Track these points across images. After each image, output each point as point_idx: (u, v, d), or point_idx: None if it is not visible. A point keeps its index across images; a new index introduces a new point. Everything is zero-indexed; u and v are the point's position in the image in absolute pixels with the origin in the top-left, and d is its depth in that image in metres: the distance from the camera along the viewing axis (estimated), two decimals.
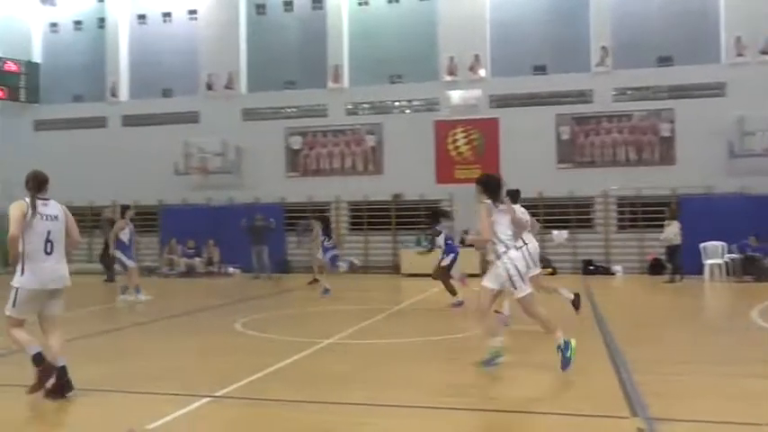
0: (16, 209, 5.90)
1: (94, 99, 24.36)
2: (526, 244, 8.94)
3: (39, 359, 5.82)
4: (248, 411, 5.53)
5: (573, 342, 6.51)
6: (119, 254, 13.75)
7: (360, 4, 22.46)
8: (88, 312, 12.23)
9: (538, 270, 9.71)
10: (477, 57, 21.08)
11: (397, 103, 22.09)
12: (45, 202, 6.08)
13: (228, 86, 23.01)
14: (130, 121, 23.92)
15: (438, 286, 13.08)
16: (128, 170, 23.04)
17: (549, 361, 6.69)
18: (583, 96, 20.60)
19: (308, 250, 19.16)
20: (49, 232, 5.92)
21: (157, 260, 21.98)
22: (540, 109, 20.62)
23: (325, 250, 15.18)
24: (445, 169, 21.04)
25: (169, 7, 24.09)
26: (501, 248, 6.59)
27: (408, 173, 21.06)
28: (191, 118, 23.30)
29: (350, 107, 22.20)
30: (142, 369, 7.25)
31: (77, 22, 25.05)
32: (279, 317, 11.55)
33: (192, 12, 23.77)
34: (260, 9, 23.33)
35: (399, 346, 8.61)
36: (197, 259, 21.12)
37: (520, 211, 9.13)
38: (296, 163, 22.45)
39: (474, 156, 20.90)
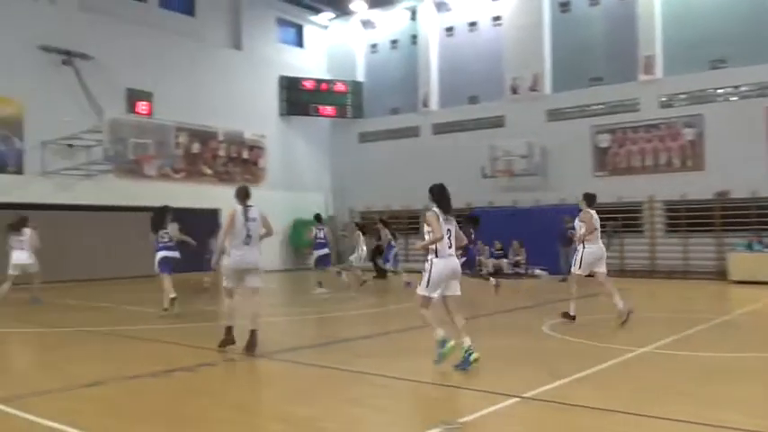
0: (229, 214, 8.15)
1: (408, 110, 26.29)
2: (585, 248, 10.25)
3: (230, 330, 7.99)
4: (557, 416, 5.38)
5: (452, 342, 6.85)
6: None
7: None
8: (399, 309, 13.12)
9: (602, 270, 10.50)
10: None
11: (720, 91, 19.86)
12: (249, 208, 8.15)
13: (533, 88, 23.01)
14: (440, 128, 25.29)
15: None
16: (438, 175, 24.03)
17: None
18: None
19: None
20: (248, 229, 8.04)
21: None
22: None
23: (390, 249, 17.88)
24: None
25: (475, 17, 24.94)
26: (430, 255, 7.16)
27: (735, 168, 18.83)
28: (496, 122, 23.83)
29: (664, 99, 20.58)
30: (451, 365, 7.53)
31: (393, 41, 27.30)
32: (587, 321, 11.11)
33: (497, 18, 24.29)
34: (564, 7, 22.91)
35: (725, 361, 7.66)
36: (504, 260, 21.44)
37: (589, 215, 10.32)
38: (604, 162, 21.53)
39: None
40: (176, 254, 11.74)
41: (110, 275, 16.88)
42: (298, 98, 26.80)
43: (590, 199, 10.79)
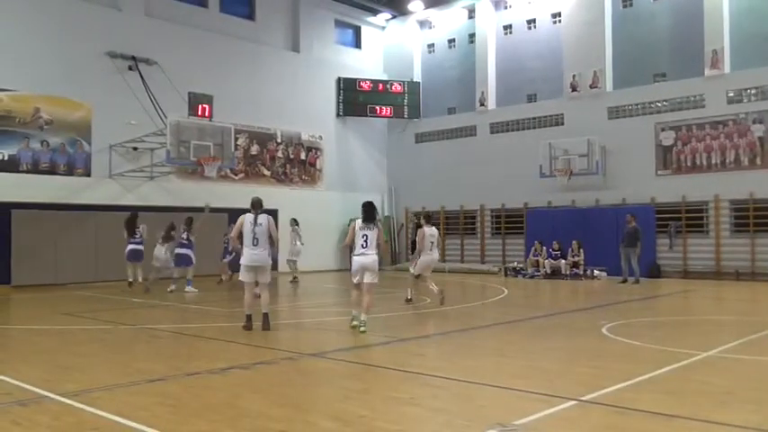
0: (239, 220, 9.82)
1: (465, 110, 26.13)
2: (421, 257, 12.99)
3: (249, 318, 9.81)
4: (617, 420, 5.25)
5: (355, 323, 9.68)
6: None
7: None
8: (455, 309, 13.08)
9: (416, 273, 13.19)
10: None
11: None
12: (258, 216, 9.76)
13: (593, 85, 22.56)
14: (497, 127, 25.05)
15: None
16: (495, 174, 24.22)
17: None
18: None
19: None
20: (255, 233, 9.66)
21: (522, 261, 22.55)
22: None
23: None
24: None
25: (533, 14, 24.60)
26: (353, 253, 9.83)
27: None
28: (555, 121, 23.48)
29: (732, 95, 19.86)
30: (507, 366, 7.45)
31: (450, 41, 27.20)
32: (648, 324, 10.84)
33: (556, 15, 23.92)
34: (626, 2, 22.38)
35: None
36: (562, 261, 21.07)
37: (429, 232, 13.04)
38: (668, 160, 20.93)
39: None
40: (141, 247, 16.45)
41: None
42: (355, 99, 26.96)
43: (427, 218, 13.66)
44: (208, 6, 23.30)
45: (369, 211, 9.98)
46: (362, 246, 9.73)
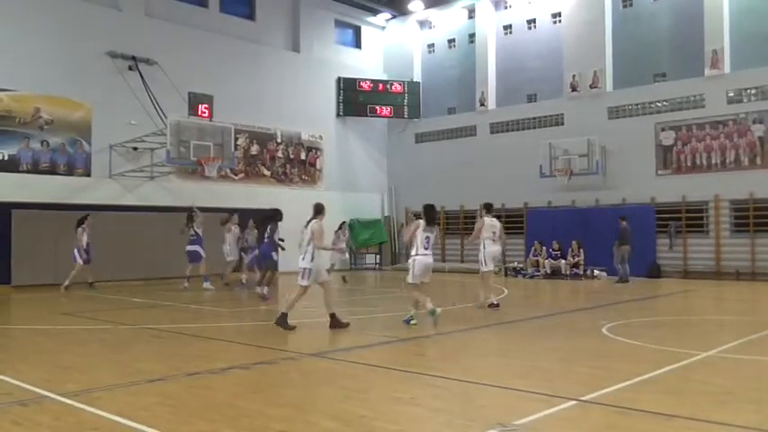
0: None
1: (465, 110, 26.13)
2: (485, 248, 12.20)
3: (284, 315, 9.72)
4: (617, 420, 5.25)
5: (438, 310, 9.99)
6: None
7: None
8: (456, 309, 13.07)
9: (489, 268, 12.29)
10: None
11: None
12: (307, 223, 9.81)
13: (593, 85, 22.56)
14: (497, 127, 25.05)
15: None
16: (495, 174, 24.20)
17: None
18: None
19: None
20: (302, 240, 9.86)
21: (522, 261, 22.54)
22: None
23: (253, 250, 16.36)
24: None
25: (533, 14, 24.60)
26: (413, 252, 10.24)
27: None
28: (555, 120, 23.48)
29: (732, 94, 19.86)
30: (507, 366, 7.45)
31: (450, 41, 27.20)
32: (648, 324, 10.83)
33: (556, 15, 23.92)
34: (626, 2, 22.37)
35: None
36: (562, 261, 21.06)
37: (489, 222, 12.40)
38: (668, 160, 20.93)
39: None
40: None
41: (173, 274, 17.39)
42: (355, 99, 26.96)
43: (488, 207, 12.88)
44: (208, 6, 23.29)
45: (430, 214, 10.32)
46: (425, 247, 10.16)
